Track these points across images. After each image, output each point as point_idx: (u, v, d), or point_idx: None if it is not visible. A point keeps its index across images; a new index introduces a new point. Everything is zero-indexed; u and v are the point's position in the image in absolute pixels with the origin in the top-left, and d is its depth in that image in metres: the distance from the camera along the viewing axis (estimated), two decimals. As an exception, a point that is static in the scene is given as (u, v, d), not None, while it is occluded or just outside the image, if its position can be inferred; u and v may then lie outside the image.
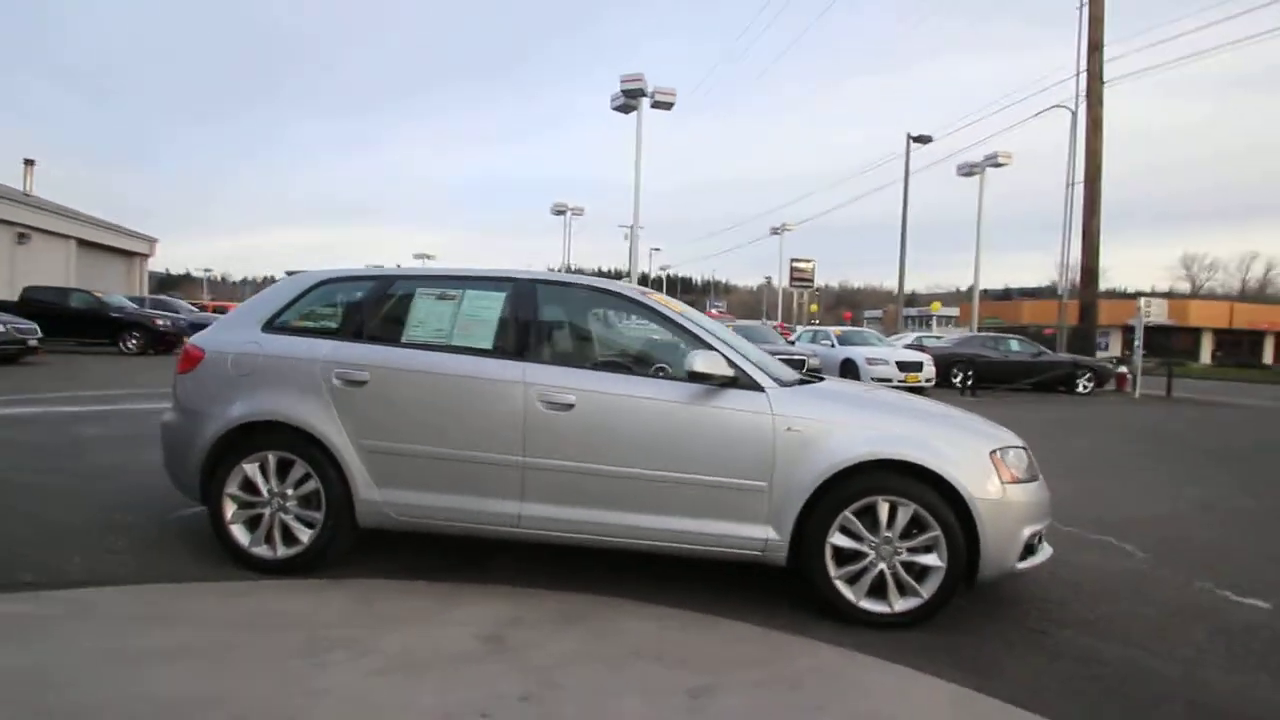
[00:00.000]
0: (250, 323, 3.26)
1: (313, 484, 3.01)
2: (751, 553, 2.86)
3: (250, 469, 3.04)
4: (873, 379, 12.68)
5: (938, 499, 2.75)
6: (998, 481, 2.80)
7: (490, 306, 3.12)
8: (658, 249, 57.00)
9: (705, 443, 2.85)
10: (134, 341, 16.46)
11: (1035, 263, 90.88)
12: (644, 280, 58.90)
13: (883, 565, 2.79)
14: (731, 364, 2.87)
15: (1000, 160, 20.67)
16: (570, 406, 2.88)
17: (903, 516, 2.77)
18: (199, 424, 3.11)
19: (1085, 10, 18.18)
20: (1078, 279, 20.26)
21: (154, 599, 2.77)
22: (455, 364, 3.00)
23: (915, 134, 25.00)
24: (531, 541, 3.02)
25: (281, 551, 3.04)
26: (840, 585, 2.80)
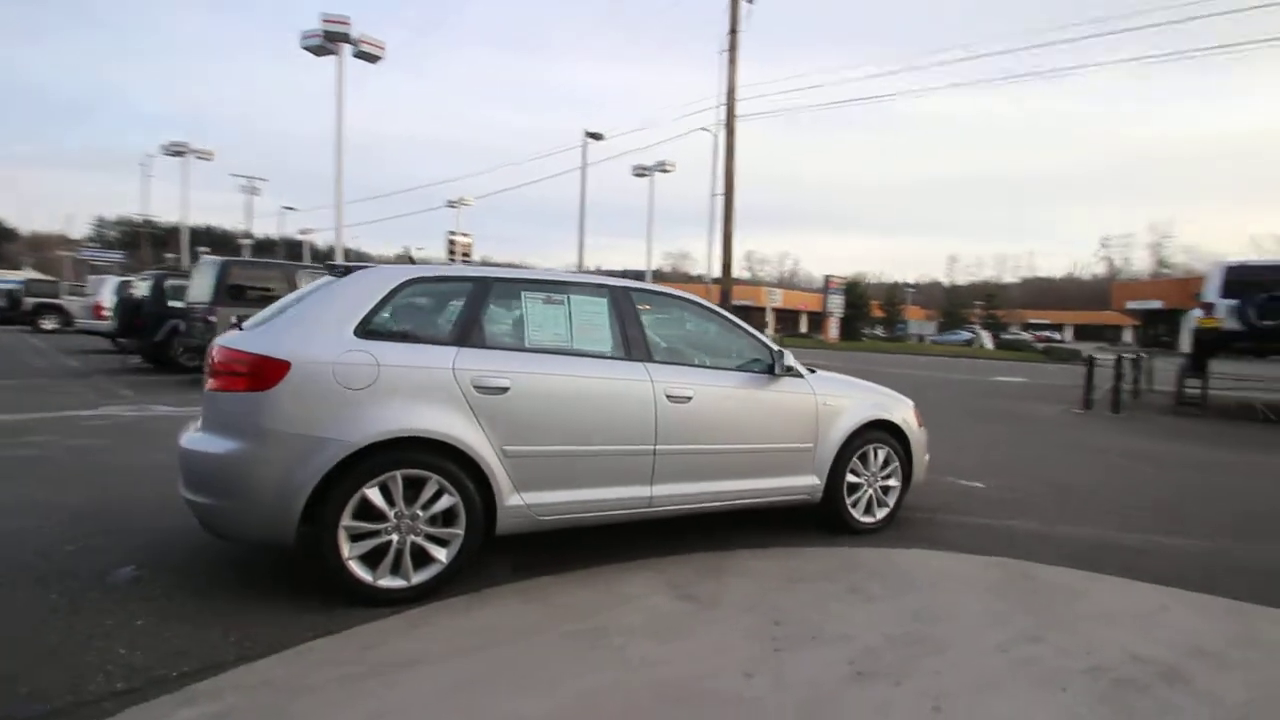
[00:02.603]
0: (335, 327, 2.81)
1: (447, 499, 2.87)
2: (803, 497, 3.86)
3: (372, 493, 2.73)
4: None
5: (895, 441, 4.18)
6: (916, 425, 4.37)
7: (599, 312, 3.36)
8: (291, 208, 49.78)
9: (780, 418, 3.72)
10: None
11: (631, 247, 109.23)
12: (270, 244, 50.97)
13: (871, 491, 4.10)
14: (791, 360, 3.79)
15: (667, 167, 24.85)
16: (689, 399, 3.40)
17: (881, 455, 4.12)
18: (303, 450, 2.63)
19: (725, 56, 22.82)
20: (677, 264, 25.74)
21: (346, 648, 2.38)
22: (593, 368, 3.21)
23: (590, 130, 27.63)
24: (659, 518, 3.45)
25: (417, 578, 2.83)
26: (851, 509, 4.01)
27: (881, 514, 4.14)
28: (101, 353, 14.13)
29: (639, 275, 33.22)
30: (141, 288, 12.47)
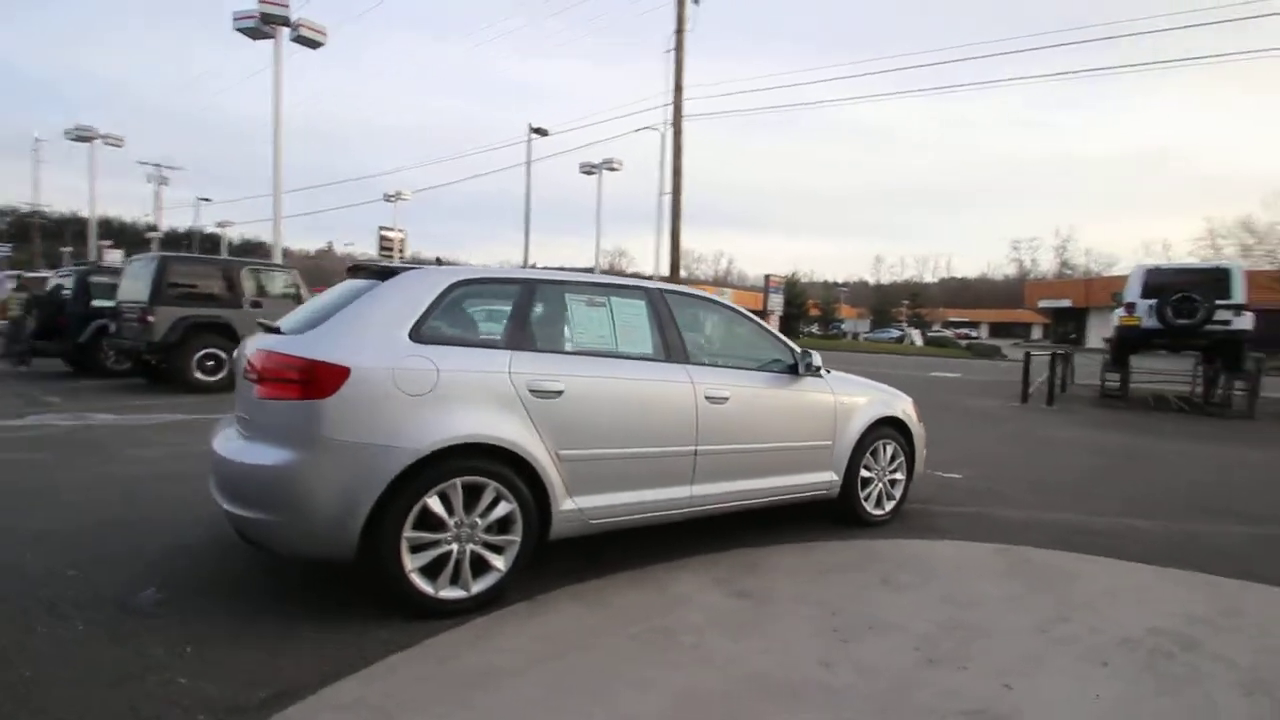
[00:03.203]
0: (390, 331, 2.71)
1: (504, 506, 2.83)
2: (822, 492, 4.00)
3: (433, 502, 2.66)
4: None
5: (901, 436, 4.40)
6: (916, 420, 4.60)
7: (638, 314, 3.39)
8: (207, 199, 46.47)
9: (804, 417, 3.85)
10: None
11: (568, 245, 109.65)
12: (185, 237, 47.84)
13: (880, 485, 4.29)
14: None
15: (615, 165, 24.84)
16: (726, 399, 3.47)
17: (890, 450, 4.32)
18: (366, 459, 2.53)
19: (672, 55, 23.01)
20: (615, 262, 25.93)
21: (424, 662, 2.31)
22: (639, 370, 3.22)
23: (535, 126, 27.25)
24: (695, 518, 3.50)
25: (476, 587, 2.78)
26: (864, 502, 4.20)
27: (890, 506, 4.35)
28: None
29: (587, 273, 33.06)
30: (65, 284, 11.44)
